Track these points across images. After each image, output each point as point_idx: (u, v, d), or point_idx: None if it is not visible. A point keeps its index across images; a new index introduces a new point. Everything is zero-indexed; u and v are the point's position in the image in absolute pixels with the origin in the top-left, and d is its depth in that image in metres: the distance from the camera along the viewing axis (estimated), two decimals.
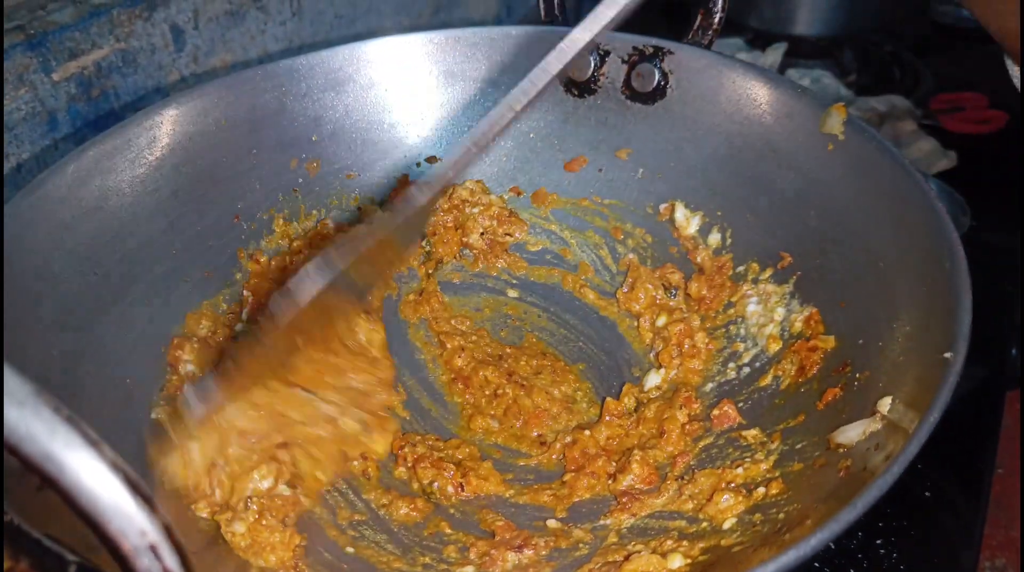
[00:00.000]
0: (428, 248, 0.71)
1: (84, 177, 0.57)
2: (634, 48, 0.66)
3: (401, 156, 0.71)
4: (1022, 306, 0.90)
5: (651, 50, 0.65)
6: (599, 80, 0.68)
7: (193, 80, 0.80)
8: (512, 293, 0.71)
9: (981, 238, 0.91)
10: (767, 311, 0.60)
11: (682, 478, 0.54)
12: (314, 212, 0.70)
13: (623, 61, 0.67)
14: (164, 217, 0.61)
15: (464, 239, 0.71)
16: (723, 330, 0.62)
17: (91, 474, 0.25)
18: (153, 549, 0.26)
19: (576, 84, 0.69)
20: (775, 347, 0.58)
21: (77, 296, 0.54)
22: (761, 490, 0.49)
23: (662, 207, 0.68)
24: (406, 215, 0.49)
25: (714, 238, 0.65)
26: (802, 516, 0.44)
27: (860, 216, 0.55)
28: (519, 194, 0.73)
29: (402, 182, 0.71)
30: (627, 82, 0.67)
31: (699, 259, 0.66)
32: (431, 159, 0.72)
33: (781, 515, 0.46)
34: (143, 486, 0.26)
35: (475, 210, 0.71)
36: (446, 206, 0.70)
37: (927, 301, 0.46)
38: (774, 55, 1.22)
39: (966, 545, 0.60)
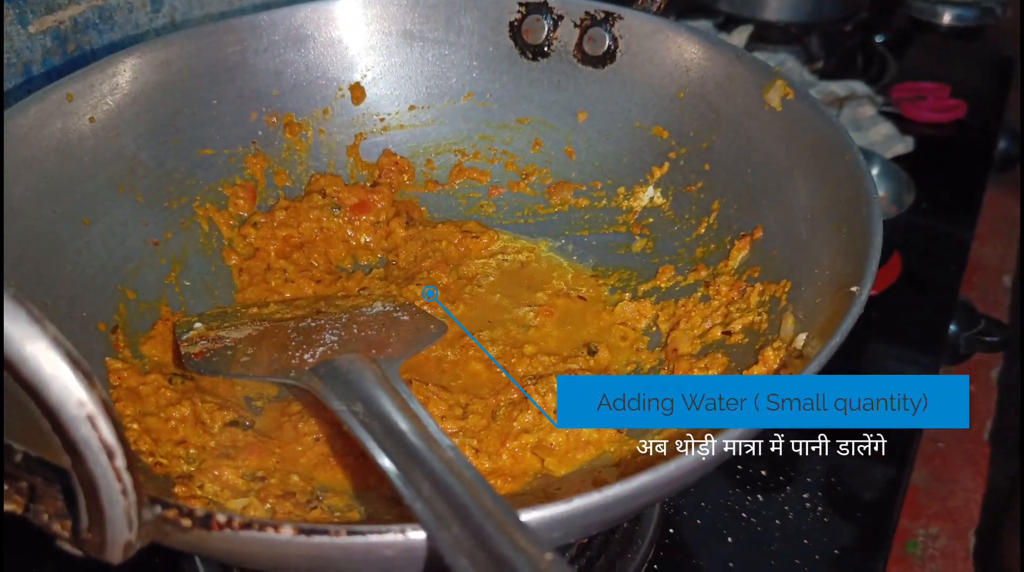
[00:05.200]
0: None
1: (46, 118, 0.58)
2: (586, 13, 0.68)
3: (359, 113, 0.73)
4: (1022, 295, 0.95)
5: (602, 15, 0.68)
6: (552, 44, 0.70)
7: None
8: None
9: (930, 219, 0.94)
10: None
11: None
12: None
13: (575, 25, 0.69)
14: (125, 162, 0.63)
15: None
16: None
17: (33, 346, 0.27)
18: (91, 419, 0.28)
19: (530, 47, 0.71)
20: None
21: (34, 231, 0.55)
22: None
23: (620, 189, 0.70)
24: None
25: (658, 198, 0.68)
26: None
27: (791, 173, 0.58)
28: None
29: (358, 137, 0.73)
30: (579, 46, 0.70)
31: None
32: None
33: None
34: (83, 362, 0.28)
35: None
36: None
37: (844, 246, 0.49)
38: (739, 37, 1.24)
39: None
